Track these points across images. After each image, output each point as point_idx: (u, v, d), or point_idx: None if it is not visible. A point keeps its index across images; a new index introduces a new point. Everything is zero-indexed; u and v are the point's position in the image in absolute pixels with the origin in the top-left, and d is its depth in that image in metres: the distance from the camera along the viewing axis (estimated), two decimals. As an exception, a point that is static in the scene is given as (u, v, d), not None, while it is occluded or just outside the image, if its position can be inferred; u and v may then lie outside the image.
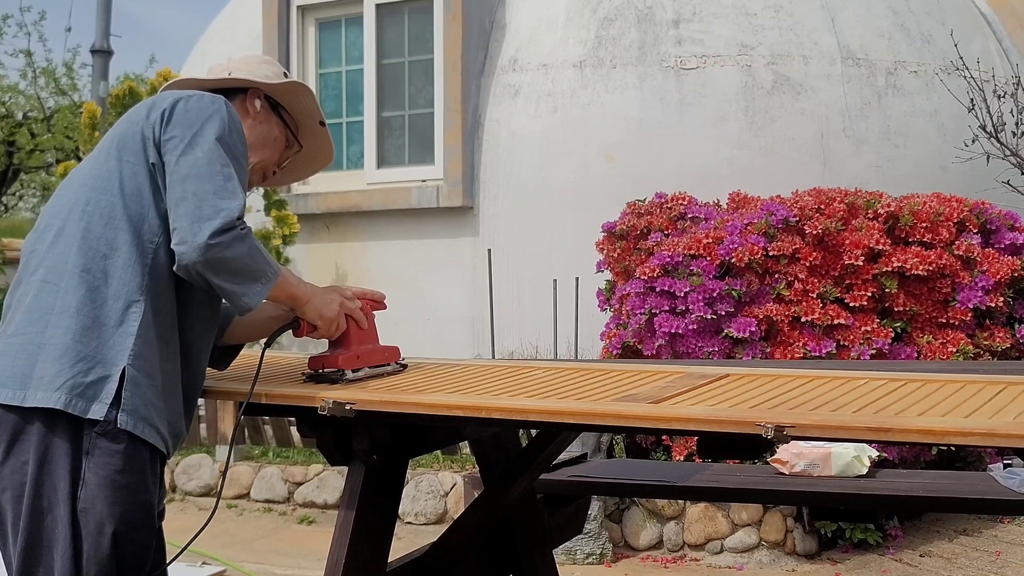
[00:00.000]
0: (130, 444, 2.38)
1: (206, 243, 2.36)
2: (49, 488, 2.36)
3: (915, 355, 6.41)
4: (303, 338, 2.82)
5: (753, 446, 2.26)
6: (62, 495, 2.35)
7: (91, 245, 2.45)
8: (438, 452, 7.46)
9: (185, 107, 2.51)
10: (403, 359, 2.97)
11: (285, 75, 2.83)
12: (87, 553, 2.36)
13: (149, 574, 2.47)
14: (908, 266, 6.50)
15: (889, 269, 6.53)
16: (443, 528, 3.65)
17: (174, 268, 2.45)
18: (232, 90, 2.74)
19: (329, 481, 7.54)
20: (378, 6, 9.40)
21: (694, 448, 6.19)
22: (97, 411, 2.35)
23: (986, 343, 6.54)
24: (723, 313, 6.45)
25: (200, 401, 8.96)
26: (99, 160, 2.56)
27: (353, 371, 2.78)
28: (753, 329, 6.38)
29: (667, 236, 7.00)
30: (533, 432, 3.68)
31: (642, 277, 6.68)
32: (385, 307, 2.97)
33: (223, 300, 2.65)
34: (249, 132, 2.71)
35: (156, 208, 2.47)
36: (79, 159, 11.03)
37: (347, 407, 2.50)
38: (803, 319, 6.44)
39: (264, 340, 2.79)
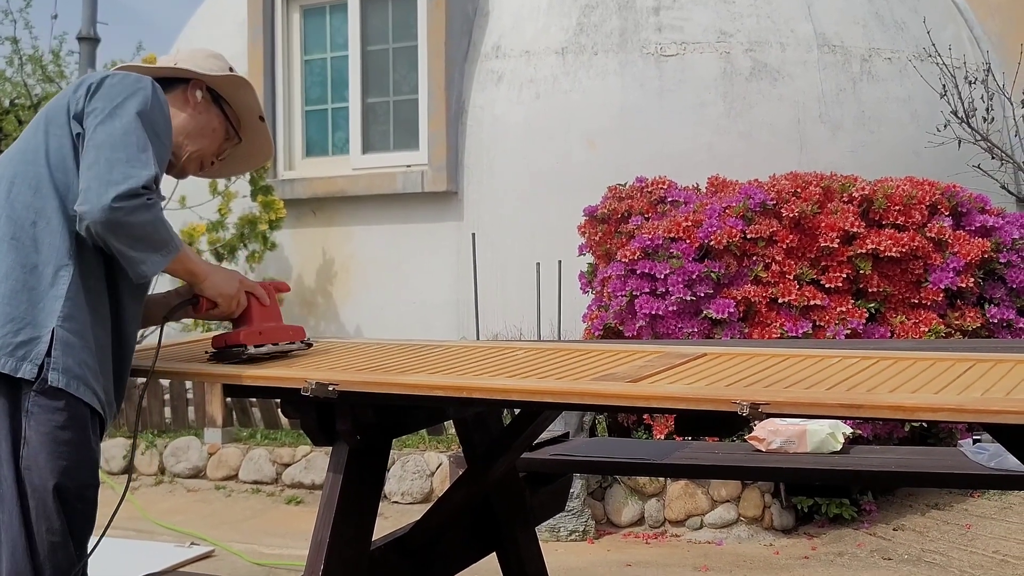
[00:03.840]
0: (71, 402, 2.43)
1: (110, 205, 2.40)
2: None
3: (889, 335, 6.51)
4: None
5: (729, 424, 2.30)
6: (4, 454, 2.40)
7: (19, 214, 2.50)
8: (424, 432, 7.53)
9: (111, 82, 2.57)
10: (308, 338, 2.98)
11: (231, 70, 2.90)
12: (35, 511, 2.40)
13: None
14: (882, 248, 6.59)
15: (863, 251, 6.63)
16: (429, 507, 3.72)
17: (78, 229, 2.48)
18: (176, 80, 2.81)
19: (316, 462, 7.58)
20: (362, -7, 9.48)
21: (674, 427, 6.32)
22: (27, 371, 2.39)
23: (957, 323, 6.65)
24: (702, 295, 6.52)
25: (188, 384, 8.90)
26: (28, 135, 2.62)
27: (256, 347, 2.78)
28: (732, 310, 6.47)
29: (647, 219, 7.07)
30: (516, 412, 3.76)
31: (623, 260, 6.75)
32: (288, 289, 3.01)
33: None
34: (188, 121, 2.79)
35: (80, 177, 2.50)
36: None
37: (330, 388, 2.52)
38: (780, 300, 6.53)
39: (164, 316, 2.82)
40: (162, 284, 3.08)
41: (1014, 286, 6.86)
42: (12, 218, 2.50)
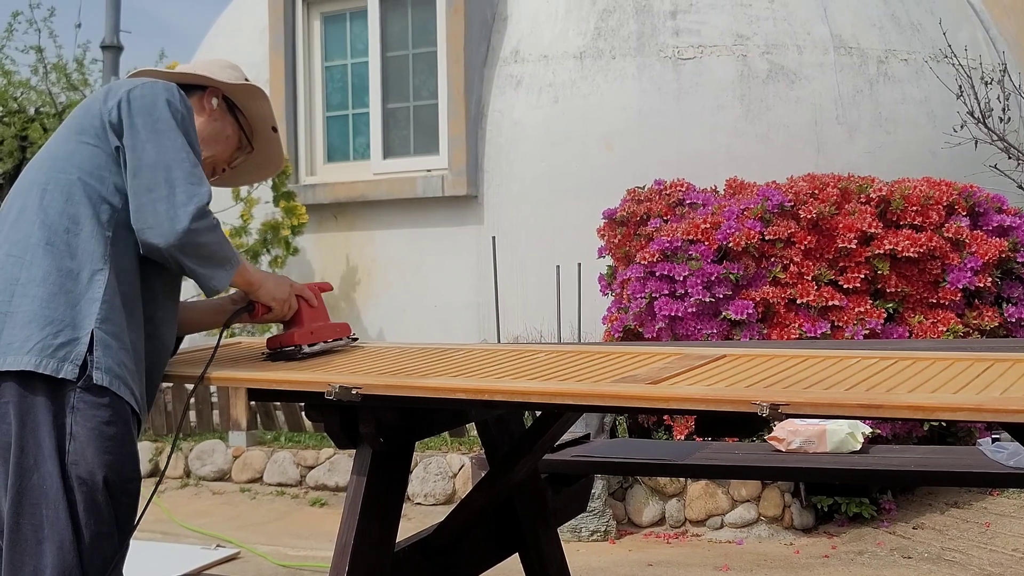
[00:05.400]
0: (114, 399, 2.48)
1: (187, 228, 2.50)
2: (33, 446, 2.44)
3: (907, 335, 6.53)
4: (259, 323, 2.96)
5: (749, 424, 2.30)
6: (47, 451, 2.43)
7: (53, 220, 2.54)
8: (446, 434, 7.58)
9: (141, 93, 2.62)
10: (353, 334, 3.12)
11: (246, 80, 2.97)
12: (82, 505, 2.44)
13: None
14: (899, 248, 6.63)
15: (881, 252, 6.66)
16: (452, 509, 3.73)
17: (142, 251, 2.56)
18: (192, 87, 2.88)
19: (340, 464, 7.63)
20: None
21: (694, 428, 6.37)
22: (69, 371, 2.44)
23: (975, 322, 6.67)
24: (721, 296, 6.56)
25: (212, 388, 9.01)
26: (58, 144, 2.67)
27: (309, 346, 2.92)
28: (750, 311, 6.50)
29: (666, 222, 7.11)
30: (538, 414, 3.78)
31: (642, 262, 6.79)
32: (331, 288, 3.17)
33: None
34: (204, 127, 2.85)
35: (115, 187, 2.58)
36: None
37: (353, 391, 2.52)
38: (799, 301, 6.56)
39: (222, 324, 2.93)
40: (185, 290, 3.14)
41: (1032, 285, 6.89)
42: (46, 224, 2.54)
